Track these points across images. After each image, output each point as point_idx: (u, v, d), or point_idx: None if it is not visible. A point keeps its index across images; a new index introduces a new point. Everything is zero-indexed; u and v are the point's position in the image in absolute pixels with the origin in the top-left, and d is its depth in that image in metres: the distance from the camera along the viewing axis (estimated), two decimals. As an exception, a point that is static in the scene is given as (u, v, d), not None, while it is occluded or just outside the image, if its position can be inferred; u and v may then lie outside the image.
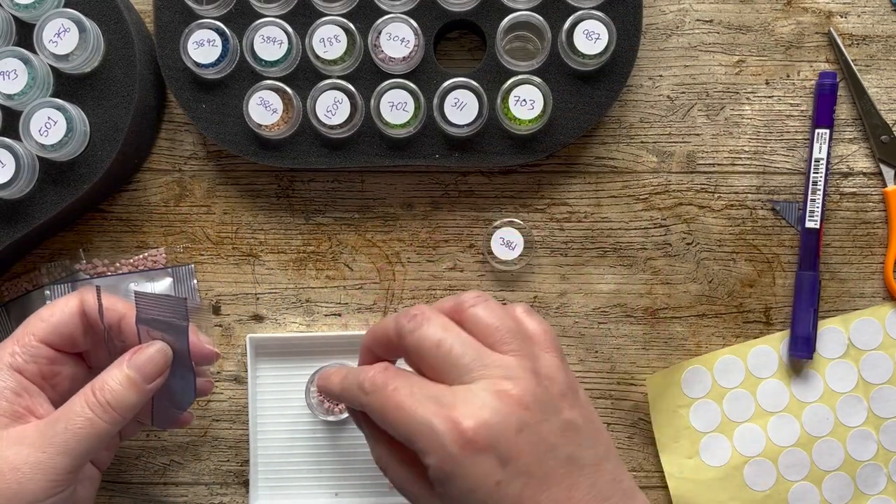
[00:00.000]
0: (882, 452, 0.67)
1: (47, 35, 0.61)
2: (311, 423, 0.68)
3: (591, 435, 0.50)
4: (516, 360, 0.50)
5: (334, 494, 0.67)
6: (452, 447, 0.47)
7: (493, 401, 0.48)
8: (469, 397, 0.48)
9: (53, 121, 0.60)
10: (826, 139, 0.66)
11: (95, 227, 0.69)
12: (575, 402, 0.51)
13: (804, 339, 0.66)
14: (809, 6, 0.68)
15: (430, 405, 0.48)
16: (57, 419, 0.52)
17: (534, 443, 0.48)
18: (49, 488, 0.51)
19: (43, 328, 0.55)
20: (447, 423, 0.47)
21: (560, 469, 0.48)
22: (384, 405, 0.50)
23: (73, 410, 0.52)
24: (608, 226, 0.68)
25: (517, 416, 0.48)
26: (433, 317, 0.51)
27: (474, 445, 0.47)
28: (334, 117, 0.63)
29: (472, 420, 0.47)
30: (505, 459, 0.47)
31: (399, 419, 0.49)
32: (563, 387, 0.50)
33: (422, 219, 0.68)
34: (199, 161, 0.69)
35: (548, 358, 0.51)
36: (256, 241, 0.69)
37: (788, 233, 0.68)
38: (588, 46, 0.63)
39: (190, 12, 0.64)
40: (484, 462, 0.47)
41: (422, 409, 0.48)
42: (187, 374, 0.56)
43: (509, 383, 0.48)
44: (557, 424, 0.49)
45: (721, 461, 0.67)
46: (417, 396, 0.49)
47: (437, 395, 0.49)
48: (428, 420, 0.48)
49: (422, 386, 0.49)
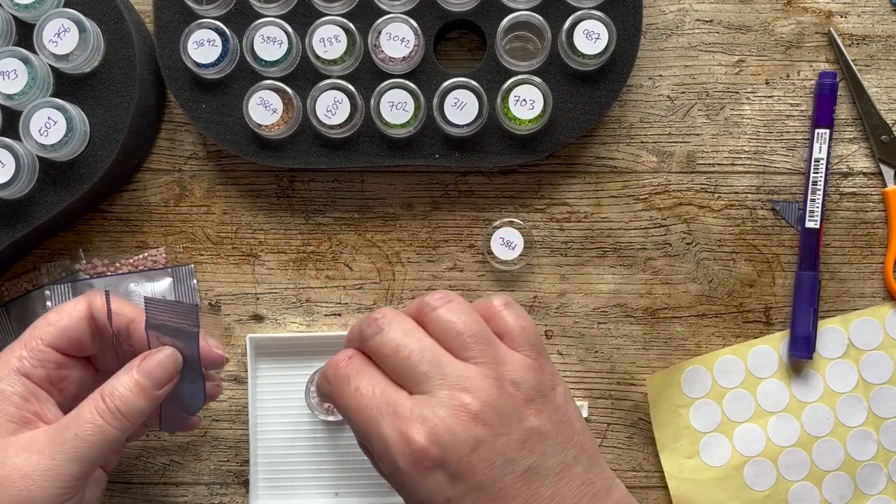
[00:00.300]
0: (882, 452, 0.67)
1: (47, 35, 0.61)
2: (311, 423, 0.68)
3: (559, 440, 0.50)
4: (477, 368, 0.49)
5: (334, 494, 0.67)
6: (403, 462, 0.47)
7: (448, 417, 0.47)
8: (425, 412, 0.48)
9: (53, 121, 0.60)
10: (826, 139, 0.66)
11: (95, 227, 0.69)
12: (544, 407, 0.50)
13: (804, 339, 0.66)
14: (809, 6, 0.68)
15: (387, 415, 0.48)
16: (66, 425, 0.52)
17: (488, 460, 0.48)
18: (59, 495, 0.51)
19: (51, 332, 0.55)
20: (400, 437, 0.47)
21: (517, 483, 0.48)
22: (346, 404, 0.50)
23: (82, 417, 0.52)
24: (608, 226, 0.68)
25: (472, 434, 0.47)
26: (395, 321, 0.51)
27: (424, 463, 0.47)
28: (334, 117, 0.63)
29: (425, 438, 0.47)
30: (455, 476, 0.47)
31: (357, 423, 0.49)
32: (529, 392, 0.49)
33: (422, 219, 0.68)
34: (199, 161, 0.69)
35: (517, 359, 0.50)
36: (256, 241, 0.69)
37: (788, 233, 0.68)
38: (588, 46, 0.63)
39: (190, 12, 0.64)
40: (434, 479, 0.47)
41: (378, 417, 0.48)
42: (197, 379, 0.56)
43: (468, 396, 0.48)
44: (518, 436, 0.48)
45: (721, 461, 0.67)
46: (376, 402, 0.49)
47: (395, 405, 0.48)
48: (382, 431, 0.48)
49: (383, 390, 0.49)
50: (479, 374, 0.49)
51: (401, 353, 0.50)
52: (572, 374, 0.68)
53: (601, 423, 0.68)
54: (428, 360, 0.49)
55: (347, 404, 0.50)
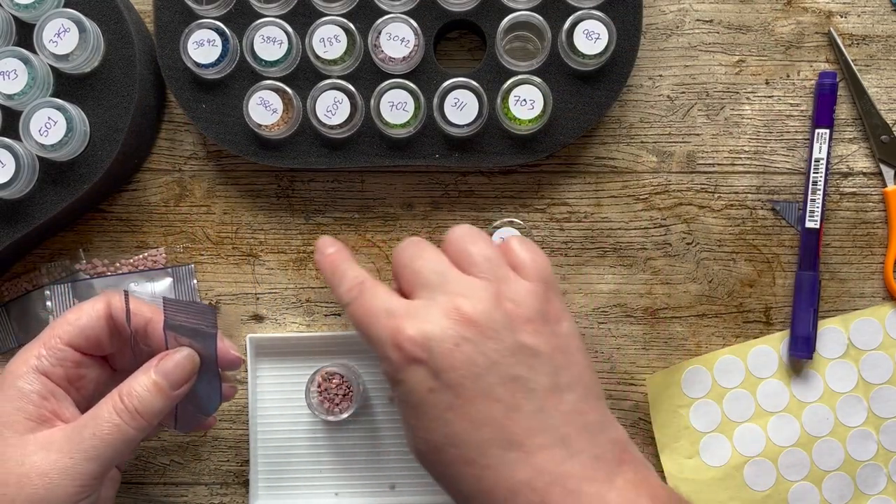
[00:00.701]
0: (882, 452, 0.67)
1: (47, 35, 0.61)
2: (311, 423, 0.68)
3: (554, 363, 0.51)
4: (480, 281, 0.52)
5: (334, 494, 0.67)
6: (393, 355, 0.51)
7: (439, 315, 0.51)
8: (419, 311, 0.52)
9: (53, 121, 0.60)
10: (826, 139, 0.66)
11: (95, 227, 0.69)
12: (542, 328, 0.52)
13: (804, 339, 0.66)
14: (809, 6, 0.68)
15: (383, 317, 0.52)
16: (84, 424, 0.53)
17: (471, 358, 0.50)
18: (76, 493, 0.52)
19: (69, 331, 0.55)
20: (391, 333, 0.51)
21: (500, 387, 0.50)
22: (355, 318, 0.54)
23: (100, 416, 0.53)
24: (608, 226, 0.68)
25: (458, 331, 0.50)
26: (416, 239, 0.55)
27: (410, 355, 0.51)
28: (334, 117, 0.63)
29: (412, 331, 0.51)
30: (438, 370, 0.50)
31: (362, 330, 0.54)
32: (529, 312, 0.52)
33: (422, 219, 0.68)
34: (199, 161, 0.69)
35: (523, 284, 0.53)
36: (256, 241, 0.69)
37: (788, 233, 0.68)
38: (588, 46, 0.63)
39: (190, 12, 0.64)
40: (419, 371, 0.50)
41: (376, 321, 0.52)
42: (213, 380, 0.56)
43: (463, 300, 0.51)
44: (509, 345, 0.51)
45: (721, 461, 0.67)
46: (378, 309, 0.53)
47: (392, 309, 0.52)
48: (377, 332, 0.52)
49: (385, 300, 0.53)
50: (480, 286, 0.52)
51: (416, 263, 0.54)
52: (572, 374, 0.68)
53: (601, 423, 0.68)
54: (436, 272, 0.53)
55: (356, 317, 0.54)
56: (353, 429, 0.67)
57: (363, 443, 0.67)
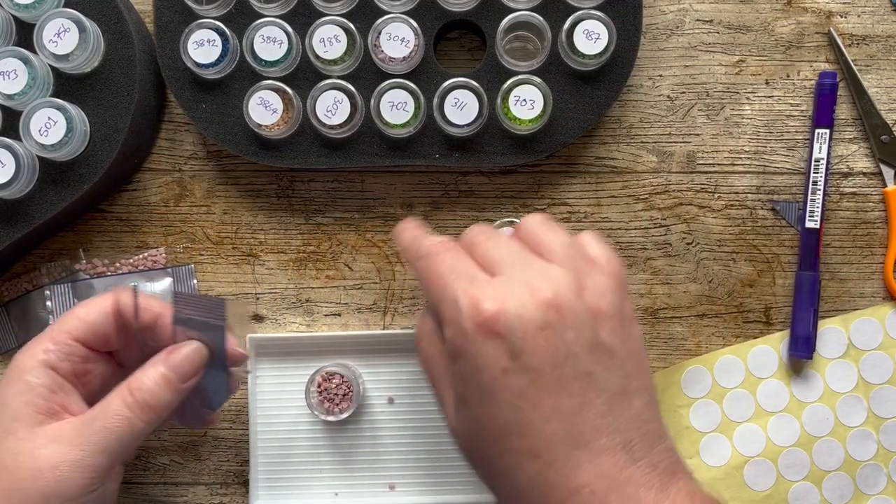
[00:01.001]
0: (882, 452, 0.67)
1: (47, 35, 0.61)
2: (311, 423, 0.68)
3: (627, 366, 0.49)
4: (561, 269, 0.50)
5: (334, 494, 0.67)
6: (467, 323, 0.48)
7: (523, 293, 0.48)
8: (501, 285, 0.49)
9: (53, 121, 0.60)
10: (826, 139, 0.66)
11: (95, 227, 0.69)
12: (620, 328, 0.50)
13: (804, 339, 0.66)
14: (809, 6, 0.68)
15: (463, 282, 0.49)
16: (94, 417, 0.53)
17: (553, 345, 0.48)
18: (86, 485, 0.52)
19: (78, 326, 0.55)
20: (470, 300, 0.48)
21: (574, 381, 0.48)
22: (428, 270, 0.51)
23: (109, 409, 0.53)
24: (608, 226, 0.68)
25: (542, 315, 0.48)
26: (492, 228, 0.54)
27: (489, 328, 0.48)
28: (334, 117, 0.63)
29: (494, 304, 0.48)
30: (517, 351, 0.48)
31: (434, 286, 0.51)
32: (608, 308, 0.50)
33: (422, 219, 0.68)
34: (199, 161, 0.69)
35: (600, 278, 0.51)
36: (256, 241, 0.69)
37: (788, 233, 0.68)
38: (588, 46, 0.63)
39: (190, 12, 0.64)
40: (495, 347, 0.48)
41: (455, 283, 0.49)
42: (220, 374, 0.56)
43: (545, 283, 0.49)
44: (587, 339, 0.48)
45: (721, 461, 0.67)
46: (457, 271, 0.50)
47: (473, 276, 0.50)
48: (454, 293, 0.49)
49: (467, 265, 0.51)
50: (562, 273, 0.50)
51: (491, 241, 0.52)
52: (572, 374, 0.68)
53: (601, 423, 0.68)
54: (514, 252, 0.51)
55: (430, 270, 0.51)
56: (353, 429, 0.67)
57: (363, 443, 0.67)
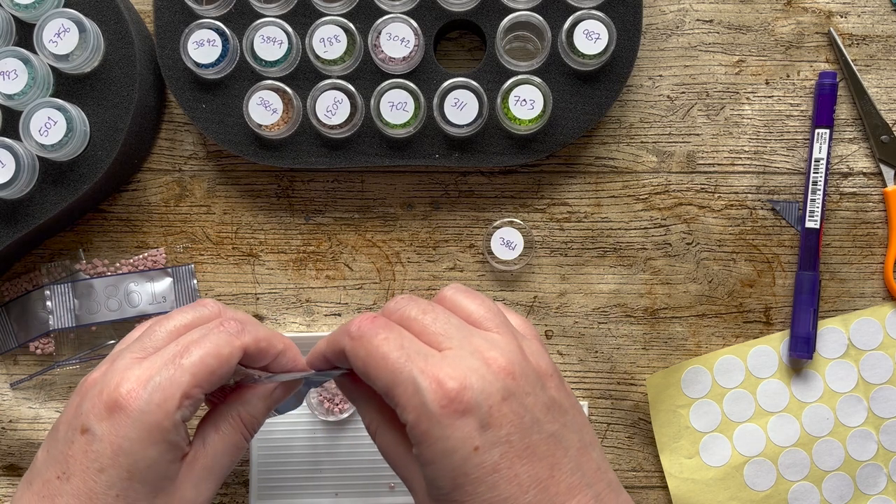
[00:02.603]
0: (882, 452, 0.67)
1: (47, 35, 0.61)
2: (311, 423, 0.68)
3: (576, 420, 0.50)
4: (503, 336, 0.49)
5: (334, 495, 0.67)
6: (433, 406, 0.46)
7: (480, 365, 0.47)
8: (457, 360, 0.47)
9: (53, 121, 0.60)
10: (826, 139, 0.66)
11: (95, 227, 0.69)
12: (560, 386, 0.50)
13: (804, 339, 0.66)
14: (809, 6, 0.68)
15: (418, 361, 0.47)
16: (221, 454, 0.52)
17: (518, 413, 0.47)
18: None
19: (211, 382, 0.50)
20: (431, 381, 0.46)
21: (543, 445, 0.47)
22: (369, 353, 0.48)
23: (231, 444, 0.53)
24: (608, 226, 0.68)
25: (503, 384, 0.47)
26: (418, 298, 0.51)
27: (456, 406, 0.46)
28: (334, 117, 0.63)
29: (457, 381, 0.46)
30: (486, 425, 0.46)
31: (382, 370, 0.48)
32: (548, 367, 0.50)
33: (422, 219, 0.68)
34: (199, 161, 0.69)
35: (531, 342, 0.51)
36: (256, 241, 0.69)
37: (788, 233, 0.68)
38: (588, 46, 0.63)
39: (190, 12, 0.64)
40: (464, 425, 0.46)
41: (408, 363, 0.47)
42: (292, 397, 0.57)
43: (496, 352, 0.48)
44: (543, 400, 0.48)
45: (721, 461, 0.67)
46: (406, 350, 0.48)
47: (426, 353, 0.48)
48: (412, 375, 0.47)
49: (412, 341, 0.48)
50: (503, 340, 0.49)
51: (427, 316, 0.49)
52: (572, 374, 0.68)
53: (601, 423, 0.68)
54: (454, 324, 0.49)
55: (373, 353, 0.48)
56: (353, 429, 0.67)
57: (363, 443, 0.67)
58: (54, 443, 0.50)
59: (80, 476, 0.48)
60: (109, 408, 0.48)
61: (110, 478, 0.48)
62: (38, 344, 0.68)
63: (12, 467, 0.69)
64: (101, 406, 0.48)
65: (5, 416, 0.68)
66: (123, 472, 0.48)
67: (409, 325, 0.50)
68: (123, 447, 0.47)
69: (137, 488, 0.48)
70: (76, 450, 0.48)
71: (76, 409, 0.50)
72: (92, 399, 0.49)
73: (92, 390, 0.49)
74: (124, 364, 0.50)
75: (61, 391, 0.68)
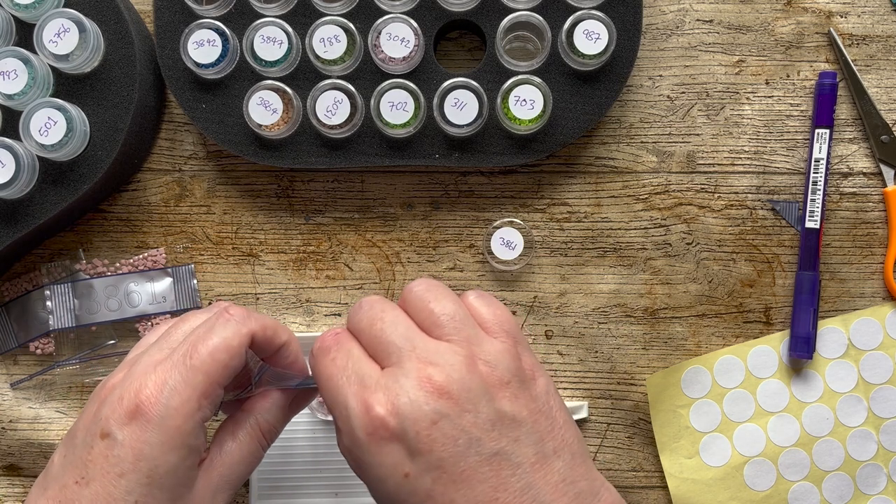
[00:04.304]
0: (882, 452, 0.67)
1: (47, 35, 0.61)
2: (311, 423, 0.68)
3: (536, 430, 0.47)
4: (449, 345, 0.48)
5: (334, 495, 0.67)
6: (360, 432, 0.46)
7: (412, 388, 0.46)
8: (390, 382, 0.46)
9: (53, 121, 0.60)
10: (826, 139, 0.66)
11: (95, 227, 0.69)
12: (520, 393, 0.48)
13: (804, 339, 0.66)
14: (809, 6, 0.68)
15: (354, 384, 0.47)
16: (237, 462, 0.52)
17: (451, 436, 0.45)
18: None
19: (226, 376, 0.50)
20: (361, 405, 0.46)
21: (484, 466, 0.46)
22: (320, 373, 0.49)
23: (248, 450, 0.53)
24: (608, 226, 0.68)
25: (433, 407, 0.45)
26: (378, 302, 0.50)
27: (381, 433, 0.46)
28: (334, 117, 0.63)
29: (384, 407, 0.46)
30: (415, 451, 0.45)
31: (326, 391, 0.48)
32: (504, 374, 0.47)
33: (422, 219, 0.68)
34: (199, 161, 0.69)
35: (493, 343, 0.48)
36: (256, 241, 0.69)
37: (788, 233, 0.68)
38: (588, 46, 0.63)
39: (190, 12, 0.64)
40: (392, 452, 0.46)
41: (345, 387, 0.47)
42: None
43: (434, 369, 0.46)
44: (487, 415, 0.46)
45: (721, 461, 0.67)
46: (348, 372, 0.48)
47: (363, 376, 0.47)
48: (346, 400, 0.47)
49: (357, 362, 0.48)
50: (450, 350, 0.47)
51: (375, 327, 0.49)
52: (572, 374, 0.68)
53: (601, 423, 0.68)
54: (400, 335, 0.48)
55: (322, 373, 0.49)
56: (353, 429, 0.67)
57: (363, 443, 0.67)
58: (71, 448, 0.49)
59: (99, 481, 0.48)
60: (130, 413, 0.48)
61: (130, 483, 0.47)
62: (38, 344, 0.68)
63: (12, 467, 0.69)
64: (122, 411, 0.48)
65: (5, 416, 0.68)
66: (143, 477, 0.47)
67: (360, 337, 0.50)
68: (144, 452, 0.47)
69: (156, 494, 0.48)
70: (96, 454, 0.48)
71: (94, 415, 0.49)
72: (111, 404, 0.48)
73: (111, 395, 0.49)
74: (143, 368, 0.49)
75: (61, 391, 0.68)
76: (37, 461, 0.68)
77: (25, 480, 0.69)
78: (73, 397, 0.68)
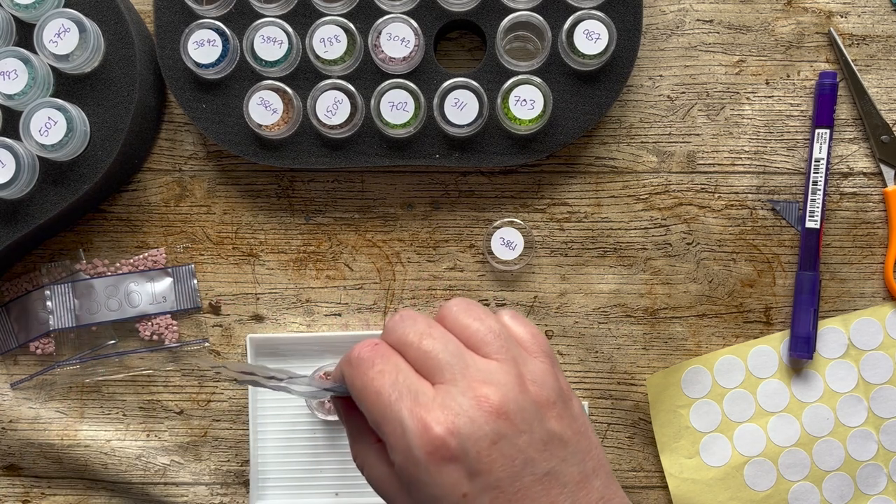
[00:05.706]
0: (882, 452, 0.67)
1: (47, 35, 0.61)
2: (311, 423, 0.68)
3: (579, 449, 0.48)
4: (499, 364, 0.48)
5: (334, 494, 0.67)
6: (419, 451, 0.45)
7: (470, 408, 0.46)
8: (447, 401, 0.46)
9: (53, 121, 0.60)
10: (826, 139, 0.66)
11: (95, 227, 0.69)
12: (564, 413, 0.48)
13: (804, 339, 0.66)
14: (809, 6, 0.68)
15: (408, 400, 0.46)
16: None
17: (509, 456, 0.46)
18: None
19: None
20: (418, 424, 0.45)
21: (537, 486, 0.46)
22: (364, 386, 0.48)
23: None
24: (608, 226, 0.68)
25: (493, 427, 0.46)
26: (420, 317, 0.50)
27: (442, 454, 0.45)
28: (334, 117, 0.63)
29: (444, 427, 0.45)
30: (474, 472, 0.45)
31: (374, 405, 0.47)
32: (551, 394, 0.48)
33: (422, 219, 0.68)
34: (199, 161, 0.69)
35: (536, 363, 0.49)
36: (256, 241, 0.69)
37: (788, 233, 0.68)
38: (588, 46, 0.63)
39: (190, 12, 0.64)
40: (451, 472, 0.45)
41: (398, 402, 0.46)
42: None
43: (490, 388, 0.46)
44: (540, 436, 0.47)
45: (721, 461, 0.67)
46: (399, 386, 0.47)
47: (417, 391, 0.47)
48: (401, 416, 0.46)
49: (407, 376, 0.47)
50: (501, 370, 0.47)
51: (424, 343, 0.48)
52: (572, 374, 0.68)
53: (601, 423, 0.68)
54: (451, 352, 0.47)
55: (368, 386, 0.47)
56: (353, 429, 0.67)
57: (363, 443, 0.67)
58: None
59: None
60: None
61: None
62: (39, 344, 0.68)
63: (12, 467, 0.69)
64: None
65: (5, 416, 0.68)
66: None
67: (406, 352, 0.49)
68: None
69: None
70: None
71: None
72: None
73: None
74: None
75: (61, 391, 0.68)
76: (37, 461, 0.68)
77: (25, 480, 0.69)
78: (73, 397, 0.68)
